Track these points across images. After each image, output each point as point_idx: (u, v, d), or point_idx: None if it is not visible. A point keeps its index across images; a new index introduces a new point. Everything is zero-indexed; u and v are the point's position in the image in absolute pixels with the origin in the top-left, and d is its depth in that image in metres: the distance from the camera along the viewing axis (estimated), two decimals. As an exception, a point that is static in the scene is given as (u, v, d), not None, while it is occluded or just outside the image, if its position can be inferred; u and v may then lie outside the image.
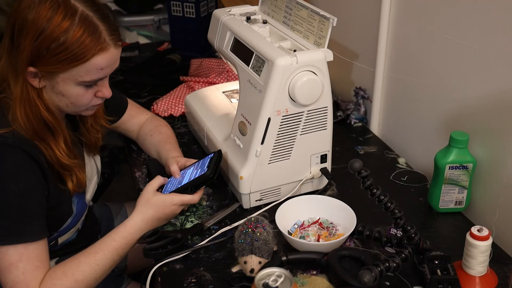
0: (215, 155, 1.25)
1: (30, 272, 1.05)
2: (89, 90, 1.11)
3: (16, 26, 1.03)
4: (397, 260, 1.01)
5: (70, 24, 1.03)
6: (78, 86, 1.09)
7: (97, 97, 1.14)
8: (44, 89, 1.09)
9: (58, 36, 1.02)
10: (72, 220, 1.22)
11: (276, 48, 1.20)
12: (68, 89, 1.08)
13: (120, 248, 1.14)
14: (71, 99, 1.10)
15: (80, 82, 1.08)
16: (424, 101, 1.41)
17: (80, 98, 1.11)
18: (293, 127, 1.22)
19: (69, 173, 1.15)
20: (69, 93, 1.09)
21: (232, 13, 1.41)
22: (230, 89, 1.60)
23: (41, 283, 1.06)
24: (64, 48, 1.03)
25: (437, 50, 1.31)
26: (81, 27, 1.03)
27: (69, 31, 1.02)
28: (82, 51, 1.04)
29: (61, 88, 1.08)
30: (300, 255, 1.10)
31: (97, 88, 1.13)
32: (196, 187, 1.22)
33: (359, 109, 1.67)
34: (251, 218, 1.10)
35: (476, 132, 1.21)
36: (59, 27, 1.02)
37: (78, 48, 1.03)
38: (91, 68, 1.06)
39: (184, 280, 1.08)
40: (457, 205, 1.24)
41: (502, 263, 1.09)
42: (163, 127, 1.49)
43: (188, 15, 2.17)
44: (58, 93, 1.09)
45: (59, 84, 1.07)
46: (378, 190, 1.05)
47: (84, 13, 1.05)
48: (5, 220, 1.05)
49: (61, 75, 1.06)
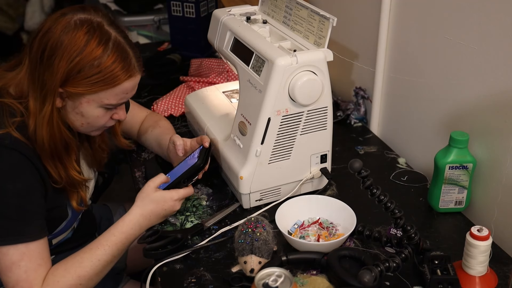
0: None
1: (33, 271, 1.05)
2: (108, 112, 1.15)
3: (49, 46, 1.05)
4: (397, 260, 1.02)
5: (104, 49, 1.06)
6: (100, 108, 1.12)
7: (112, 119, 1.17)
8: (63, 108, 1.11)
9: (93, 60, 1.05)
10: (67, 224, 1.23)
11: (276, 48, 1.20)
12: (90, 110, 1.11)
13: (119, 242, 1.15)
14: (89, 119, 1.13)
15: (104, 105, 1.11)
16: (424, 101, 1.41)
17: (99, 119, 1.14)
18: (293, 127, 1.22)
19: (75, 191, 1.17)
20: (89, 114, 1.12)
21: (232, 13, 1.41)
22: (230, 89, 1.60)
23: (44, 281, 1.06)
24: (98, 71, 1.06)
25: (437, 50, 1.31)
26: (114, 53, 1.07)
27: (103, 56, 1.06)
28: (114, 76, 1.08)
29: (83, 109, 1.11)
30: (300, 255, 1.10)
31: (115, 111, 1.16)
32: (189, 179, 1.23)
33: (359, 109, 1.66)
34: (251, 218, 1.10)
35: (476, 132, 1.21)
36: (95, 52, 1.05)
37: (110, 72, 1.07)
38: (119, 92, 1.10)
39: (184, 280, 1.08)
40: (457, 205, 1.24)
41: (502, 263, 1.09)
42: (161, 121, 1.50)
43: (188, 15, 2.17)
44: (78, 113, 1.12)
45: (82, 105, 1.10)
46: (378, 190, 1.05)
47: (117, 40, 1.09)
48: (4, 220, 1.05)
49: (88, 97, 1.09)
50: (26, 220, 1.06)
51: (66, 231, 1.25)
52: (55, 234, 1.22)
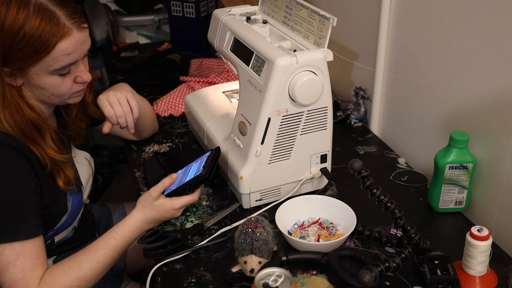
0: (212, 153, 1.25)
1: (29, 270, 1.05)
2: (66, 78, 1.11)
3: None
4: (397, 260, 1.02)
5: (25, 16, 1.01)
6: (52, 76, 1.08)
7: (77, 83, 1.14)
8: (23, 87, 1.09)
9: (17, 31, 1.01)
10: (67, 218, 1.23)
11: (276, 48, 1.20)
12: (44, 81, 1.08)
13: (119, 246, 1.15)
14: (50, 90, 1.10)
15: (52, 72, 1.07)
16: (424, 101, 1.41)
17: (59, 87, 1.11)
18: (293, 127, 1.22)
19: (59, 169, 1.15)
20: (46, 85, 1.09)
21: (232, 13, 1.41)
22: (230, 89, 1.60)
23: (41, 281, 1.06)
24: (26, 42, 1.02)
25: (437, 50, 1.31)
26: (37, 17, 1.02)
27: (26, 23, 1.01)
28: (44, 41, 1.03)
29: (37, 82, 1.08)
30: (300, 255, 1.10)
31: (73, 74, 1.12)
32: (194, 186, 1.23)
33: (359, 109, 1.66)
34: (251, 218, 1.10)
35: (476, 132, 1.21)
36: (16, 21, 1.01)
37: (39, 39, 1.02)
38: (58, 55, 1.05)
39: (184, 280, 1.08)
40: (457, 205, 1.24)
41: (502, 263, 1.09)
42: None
43: (188, 15, 2.17)
44: (36, 87, 1.09)
45: (34, 78, 1.08)
46: (378, 190, 1.05)
47: (38, 2, 1.03)
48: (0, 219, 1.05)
49: (32, 69, 1.06)
50: (21, 218, 1.06)
51: (67, 228, 1.25)
52: (57, 230, 1.22)
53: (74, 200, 1.23)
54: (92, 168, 1.36)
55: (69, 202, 1.22)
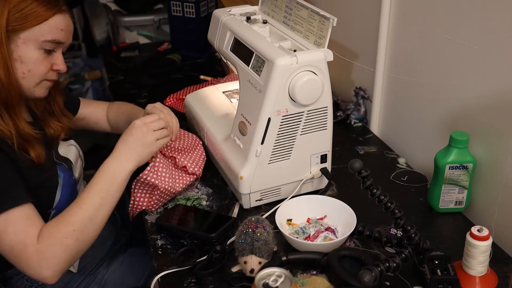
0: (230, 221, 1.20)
1: (22, 232, 1.07)
2: (47, 60, 1.16)
3: None
4: (397, 260, 1.01)
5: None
6: (38, 50, 1.14)
7: (53, 70, 1.19)
8: None
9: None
10: (62, 193, 1.25)
11: (276, 48, 1.20)
12: (28, 52, 1.13)
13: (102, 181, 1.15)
14: (29, 65, 1.14)
15: (42, 43, 1.13)
16: (424, 101, 1.41)
17: (38, 66, 1.15)
18: (293, 127, 1.22)
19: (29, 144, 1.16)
20: (29, 58, 1.13)
21: (232, 13, 1.41)
22: (230, 89, 1.60)
23: (39, 235, 1.08)
24: (30, 2, 1.10)
25: (437, 50, 1.31)
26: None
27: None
28: (45, 8, 1.11)
29: (20, 53, 1.12)
30: (300, 255, 1.10)
31: (53, 60, 1.18)
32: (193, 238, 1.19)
33: (359, 109, 1.67)
34: (251, 218, 1.10)
35: (476, 132, 1.21)
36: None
37: (42, 3, 1.11)
38: (52, 26, 1.13)
39: (184, 280, 1.08)
40: (457, 205, 1.24)
41: (502, 263, 1.09)
42: (124, 104, 1.54)
43: (188, 15, 2.17)
44: (17, 60, 1.12)
45: (20, 48, 1.12)
46: (378, 190, 1.05)
47: None
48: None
49: (22, 35, 1.11)
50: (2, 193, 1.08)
51: (66, 205, 1.25)
52: (57, 208, 1.24)
53: (65, 176, 1.26)
54: (79, 150, 1.39)
55: (60, 177, 1.24)
